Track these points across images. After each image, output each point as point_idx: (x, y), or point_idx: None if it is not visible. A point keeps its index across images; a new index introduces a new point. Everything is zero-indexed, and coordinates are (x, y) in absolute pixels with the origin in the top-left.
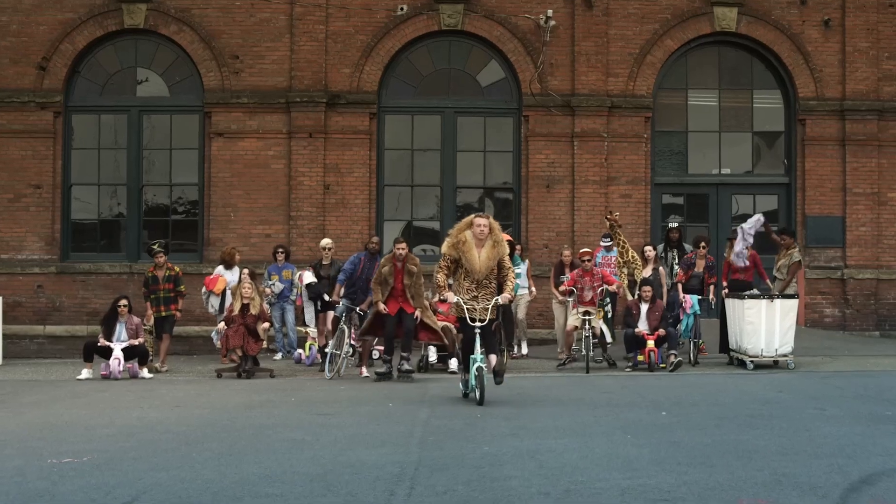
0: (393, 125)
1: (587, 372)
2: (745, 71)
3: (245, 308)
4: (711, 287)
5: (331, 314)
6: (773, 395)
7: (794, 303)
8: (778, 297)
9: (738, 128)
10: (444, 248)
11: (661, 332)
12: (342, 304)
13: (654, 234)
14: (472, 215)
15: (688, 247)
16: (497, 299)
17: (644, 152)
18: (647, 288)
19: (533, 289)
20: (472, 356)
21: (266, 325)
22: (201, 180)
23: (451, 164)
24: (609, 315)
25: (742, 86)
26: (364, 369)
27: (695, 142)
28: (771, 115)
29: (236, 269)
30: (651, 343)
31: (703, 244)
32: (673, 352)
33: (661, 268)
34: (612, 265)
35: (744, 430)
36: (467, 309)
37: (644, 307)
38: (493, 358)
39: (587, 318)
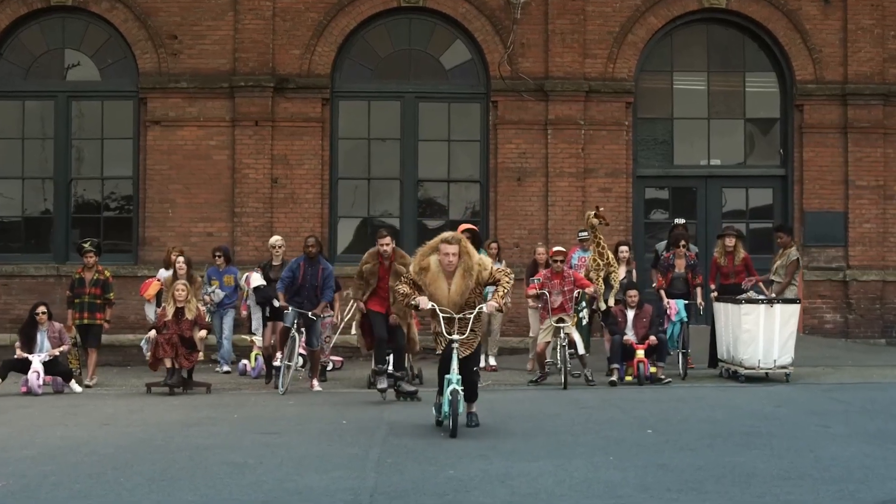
0: (348, 112)
1: (564, 388)
2: (737, 52)
3: (179, 313)
4: (699, 290)
5: (281, 323)
6: (771, 409)
7: (795, 308)
8: (778, 303)
9: (729, 114)
10: (408, 272)
11: (652, 340)
12: (291, 311)
13: (637, 232)
14: (440, 238)
15: (692, 246)
16: (482, 308)
17: (625, 141)
18: (634, 292)
19: (508, 300)
20: (447, 376)
21: (203, 332)
22: (136, 173)
23: (412, 154)
24: (584, 321)
25: (733, 68)
26: (315, 382)
27: (681, 130)
28: (765, 101)
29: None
30: (640, 353)
31: (682, 243)
32: (662, 364)
33: (634, 270)
34: (585, 267)
35: (740, 451)
36: (444, 318)
37: (630, 313)
38: (472, 406)
39: (561, 325)
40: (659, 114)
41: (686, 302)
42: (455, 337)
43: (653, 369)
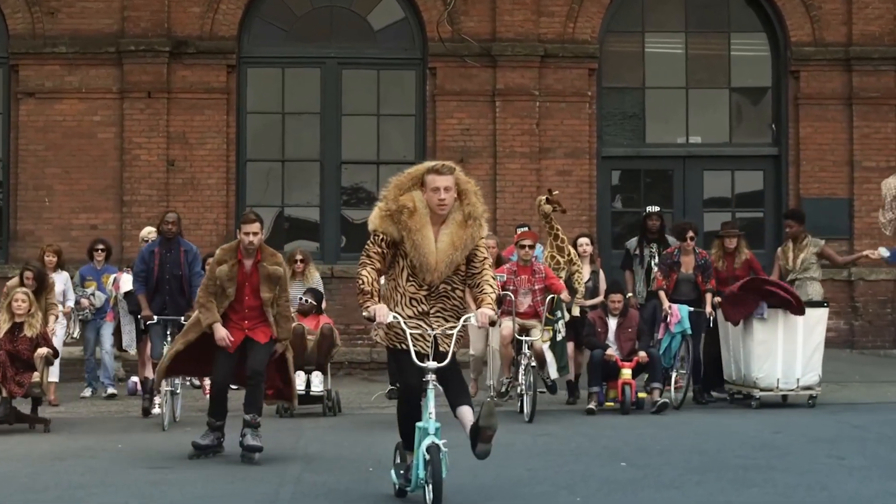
0: (258, 81)
1: (529, 421)
2: (720, 8)
3: (16, 329)
4: (708, 296)
5: (147, 339)
6: (770, 437)
7: (822, 314)
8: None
9: (711, 83)
10: (374, 220)
11: (642, 356)
12: (157, 321)
13: (602, 223)
14: (426, 165)
15: (671, 239)
16: (470, 318)
17: (588, 115)
18: (618, 296)
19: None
20: (419, 424)
21: (44, 350)
22: (5, 155)
23: (335, 132)
24: (560, 336)
25: (716, 28)
26: (157, 401)
27: (654, 102)
28: (754, 67)
29: (61, 273)
30: (627, 373)
31: (690, 234)
32: (657, 385)
33: (601, 269)
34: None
35: (736, 489)
36: (412, 336)
37: (612, 322)
38: (468, 412)
39: (526, 339)
40: (628, 83)
41: (692, 309)
42: (430, 365)
43: (642, 394)
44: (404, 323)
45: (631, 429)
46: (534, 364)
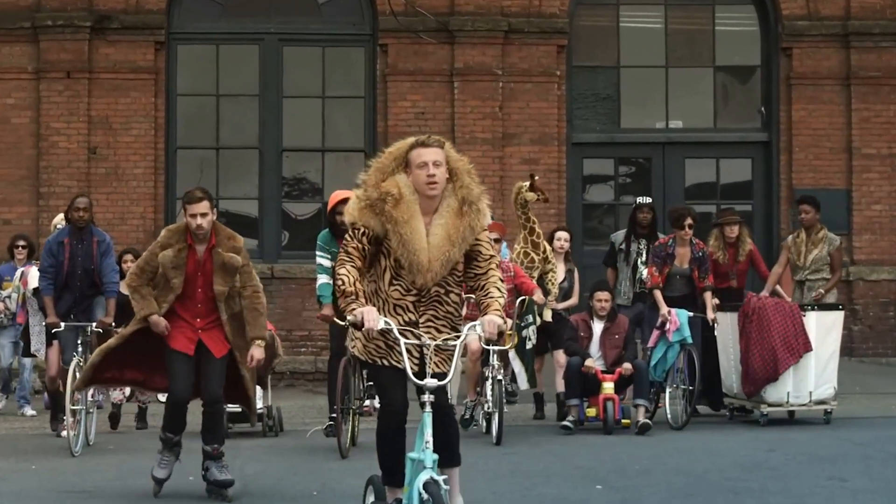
0: (189, 60)
1: (497, 443)
2: None
3: None
4: (707, 296)
5: (57, 344)
6: (763, 456)
7: (837, 318)
8: (812, 309)
9: (694, 62)
10: (352, 212)
11: (626, 367)
12: (63, 328)
13: (572, 216)
14: (409, 141)
15: (662, 235)
16: (476, 327)
17: (556, 98)
18: (604, 294)
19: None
20: (412, 455)
21: None
22: None
23: (275, 116)
24: (531, 344)
25: (699, 0)
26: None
27: (630, 82)
28: (741, 43)
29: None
30: (608, 387)
31: (688, 222)
32: (641, 402)
33: (575, 269)
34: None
35: None
36: (405, 346)
37: (598, 327)
38: (454, 481)
39: (494, 347)
40: (601, 61)
41: (691, 314)
42: (430, 383)
43: (625, 421)
44: (398, 331)
45: (608, 447)
46: (500, 378)
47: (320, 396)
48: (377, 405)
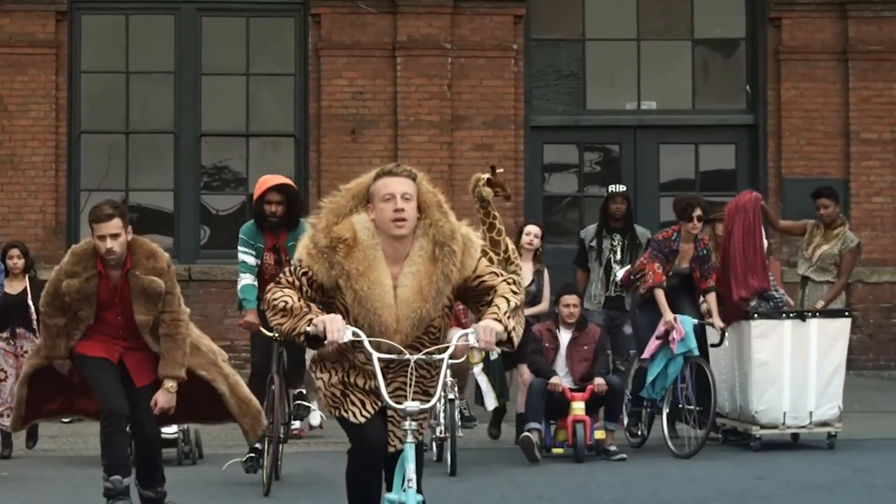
0: (95, 33)
1: (452, 474)
2: None
3: None
4: (711, 298)
5: None
6: (752, 484)
7: (843, 326)
8: (814, 316)
9: (670, 34)
10: (301, 254)
11: (599, 383)
12: None
13: (531, 209)
14: (377, 171)
15: (640, 228)
16: (468, 335)
17: (513, 75)
18: (572, 298)
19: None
20: (389, 497)
21: None
22: None
23: (193, 96)
24: (494, 355)
25: None
26: None
27: (598, 57)
28: (724, 13)
29: None
30: (578, 407)
31: (697, 213)
32: (613, 426)
33: (545, 270)
34: None
35: None
36: (379, 361)
37: (565, 337)
38: None
39: (453, 360)
40: (564, 33)
41: (696, 322)
42: (411, 406)
43: (599, 434)
44: (369, 344)
45: (575, 473)
46: (452, 396)
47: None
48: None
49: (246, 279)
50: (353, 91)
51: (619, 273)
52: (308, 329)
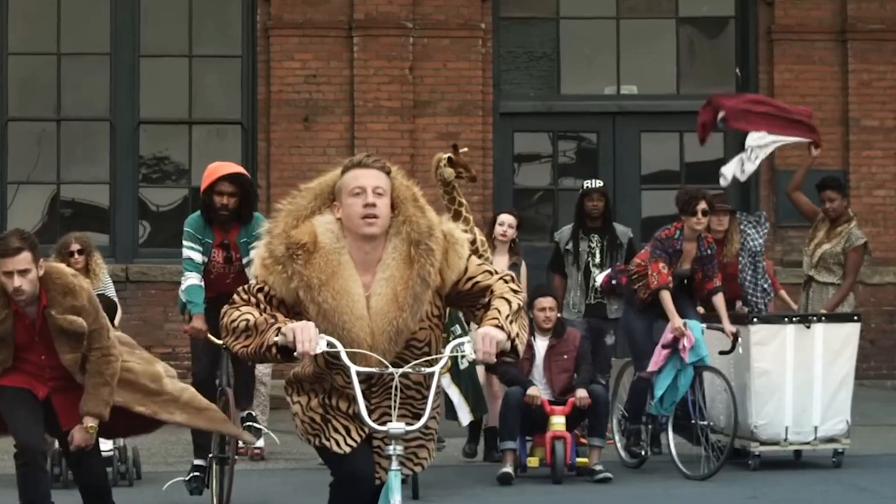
0: (24, 11)
1: (414, 496)
2: None
3: None
4: (718, 299)
5: None
6: None
7: (851, 331)
8: (819, 320)
9: (652, 12)
10: (256, 267)
11: (582, 396)
12: None
13: (499, 204)
14: (345, 163)
15: (620, 228)
16: (464, 345)
17: (480, 57)
18: (548, 301)
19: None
20: None
21: None
22: None
23: (130, 80)
24: (467, 362)
25: None
26: None
27: (573, 37)
28: None
29: None
30: (558, 422)
31: (702, 207)
32: (598, 443)
33: (523, 264)
34: None
35: None
36: (358, 376)
37: (541, 345)
38: None
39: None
40: (536, 11)
41: (704, 326)
42: (394, 428)
43: (581, 460)
44: (346, 356)
45: (552, 495)
46: None
47: (186, 429)
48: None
49: (191, 279)
50: (306, 74)
51: (599, 278)
52: (277, 339)
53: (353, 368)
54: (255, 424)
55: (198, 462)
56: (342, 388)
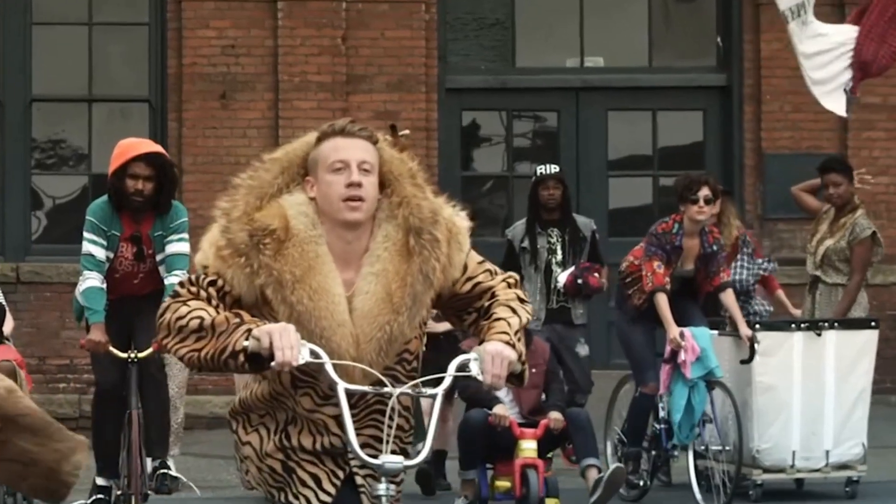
0: None
1: None
2: None
3: None
4: (728, 297)
5: None
6: None
7: (868, 339)
8: (832, 327)
9: None
10: (206, 256)
11: (554, 418)
12: None
13: (446, 189)
14: (322, 129)
15: (581, 219)
16: (469, 364)
17: (424, 25)
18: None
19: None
20: None
21: None
22: None
23: (21, 52)
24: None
25: None
26: None
27: (530, 3)
28: None
29: None
30: (528, 448)
31: (705, 194)
32: (593, 462)
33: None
34: None
35: None
36: (346, 394)
37: None
38: None
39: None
40: None
41: (714, 333)
42: (389, 462)
43: (552, 501)
44: (332, 370)
45: None
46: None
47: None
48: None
49: (90, 279)
50: (224, 45)
51: (562, 277)
52: (247, 344)
53: (342, 385)
54: (171, 473)
55: (101, 482)
56: (308, 415)
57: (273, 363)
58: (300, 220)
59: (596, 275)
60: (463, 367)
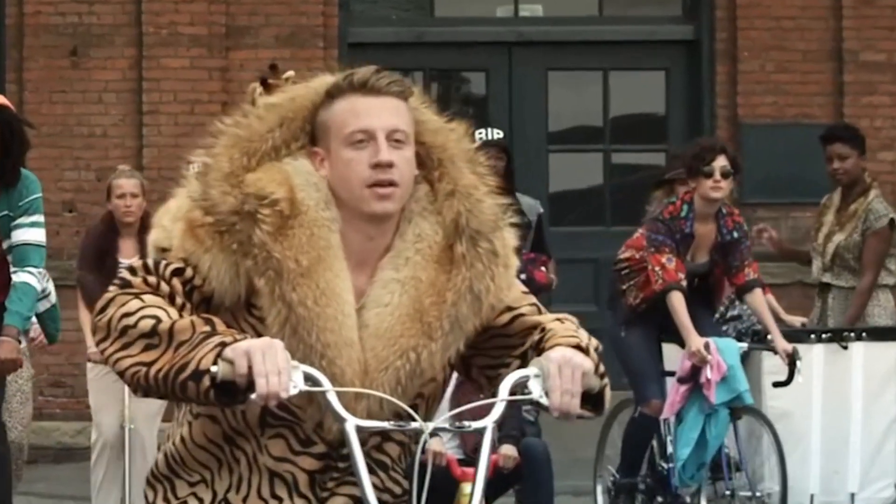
0: None
1: None
2: None
3: None
4: (757, 298)
5: None
6: None
7: None
8: (858, 338)
9: None
10: (167, 234)
11: (506, 453)
12: None
13: None
14: (340, 84)
15: (527, 200)
16: (529, 381)
17: None
18: None
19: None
20: None
21: None
22: None
23: None
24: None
25: None
26: None
27: None
28: None
29: None
30: (472, 491)
31: (721, 164)
32: None
33: None
34: None
35: None
36: (356, 432)
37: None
38: None
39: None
40: None
41: (743, 346)
42: None
43: None
44: (337, 401)
45: None
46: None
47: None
48: None
49: None
50: None
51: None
52: (215, 369)
53: (352, 422)
54: None
55: None
56: (273, 466)
57: (253, 395)
58: (310, 193)
59: (543, 268)
60: (519, 387)
